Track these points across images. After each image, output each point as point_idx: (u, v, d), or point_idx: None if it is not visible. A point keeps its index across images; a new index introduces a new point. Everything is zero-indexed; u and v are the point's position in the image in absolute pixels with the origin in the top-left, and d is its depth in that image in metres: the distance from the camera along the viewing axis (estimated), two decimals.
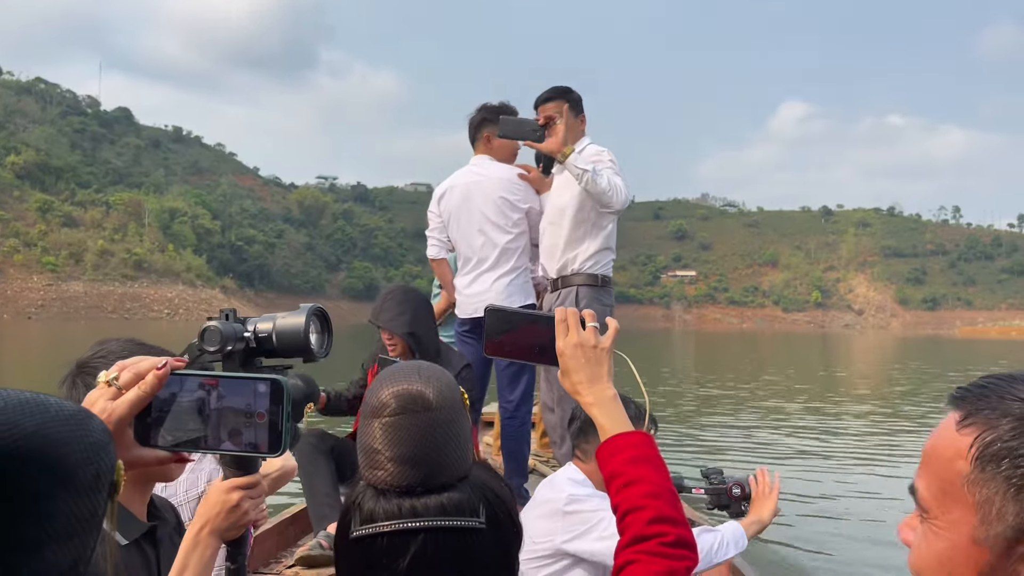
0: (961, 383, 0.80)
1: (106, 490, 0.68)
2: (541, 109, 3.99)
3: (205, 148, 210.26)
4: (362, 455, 1.06)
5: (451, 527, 1.01)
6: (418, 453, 1.03)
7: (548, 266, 4.14)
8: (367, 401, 1.08)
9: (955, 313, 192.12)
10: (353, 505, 1.05)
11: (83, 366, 1.53)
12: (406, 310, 3.47)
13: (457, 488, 1.05)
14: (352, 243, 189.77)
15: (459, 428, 1.08)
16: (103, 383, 0.94)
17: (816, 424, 12.75)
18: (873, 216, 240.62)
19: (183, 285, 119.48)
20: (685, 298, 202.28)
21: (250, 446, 0.96)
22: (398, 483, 1.03)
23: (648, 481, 1.20)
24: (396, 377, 1.08)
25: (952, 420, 0.80)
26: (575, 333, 1.30)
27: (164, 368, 0.93)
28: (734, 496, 2.49)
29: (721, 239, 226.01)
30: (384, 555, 1.01)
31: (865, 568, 5.46)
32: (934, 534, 0.79)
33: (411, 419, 1.04)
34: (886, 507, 6.96)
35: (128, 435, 0.94)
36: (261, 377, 0.96)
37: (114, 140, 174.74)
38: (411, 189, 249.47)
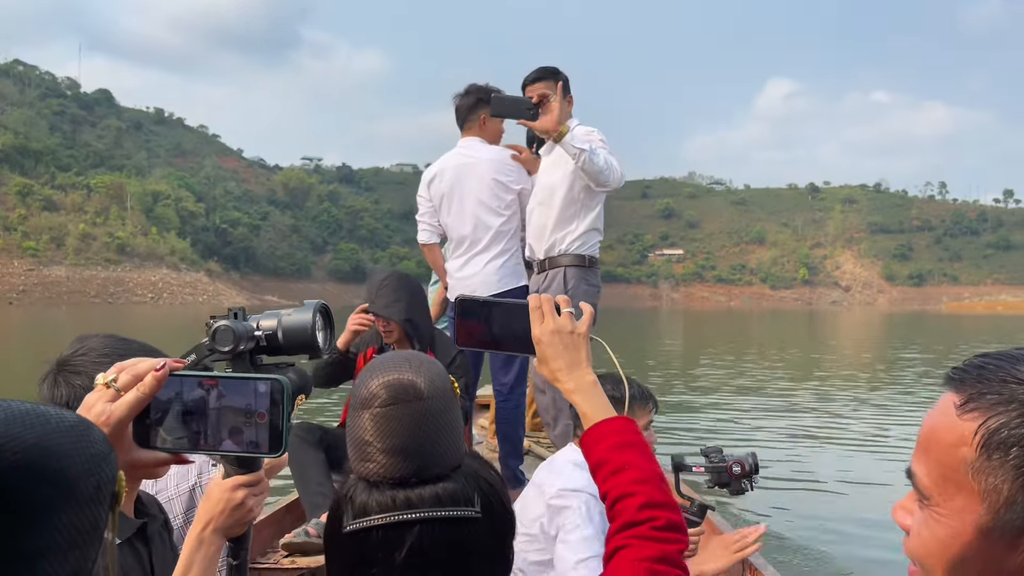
0: (956, 361, 0.79)
1: (107, 501, 0.69)
2: (529, 89, 3.95)
3: (188, 130, 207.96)
4: (352, 447, 1.05)
5: (447, 517, 1.00)
6: (411, 444, 1.02)
7: (535, 247, 4.10)
8: (356, 392, 1.07)
9: (941, 289, 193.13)
10: (344, 499, 1.04)
11: (64, 364, 1.51)
12: (402, 297, 3.49)
13: (451, 478, 1.04)
14: (338, 225, 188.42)
15: (451, 417, 1.07)
16: (101, 385, 0.94)
17: (810, 403, 12.58)
18: (860, 192, 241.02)
19: (167, 269, 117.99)
20: (673, 277, 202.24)
21: (250, 446, 0.96)
22: (391, 475, 1.01)
23: (636, 467, 1.20)
24: (386, 367, 1.07)
25: (951, 403, 0.78)
26: (551, 319, 1.28)
27: (163, 370, 0.93)
28: (734, 474, 2.48)
29: (708, 217, 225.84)
30: (379, 548, 0.99)
31: (865, 549, 5.38)
32: (936, 521, 0.78)
33: (403, 409, 1.02)
34: (880, 487, 6.91)
35: (127, 437, 0.94)
36: (261, 377, 0.96)
37: (95, 122, 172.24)
38: (397, 170, 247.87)
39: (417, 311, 3.55)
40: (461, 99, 4.30)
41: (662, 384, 14.59)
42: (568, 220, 3.98)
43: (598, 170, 3.75)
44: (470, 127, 4.27)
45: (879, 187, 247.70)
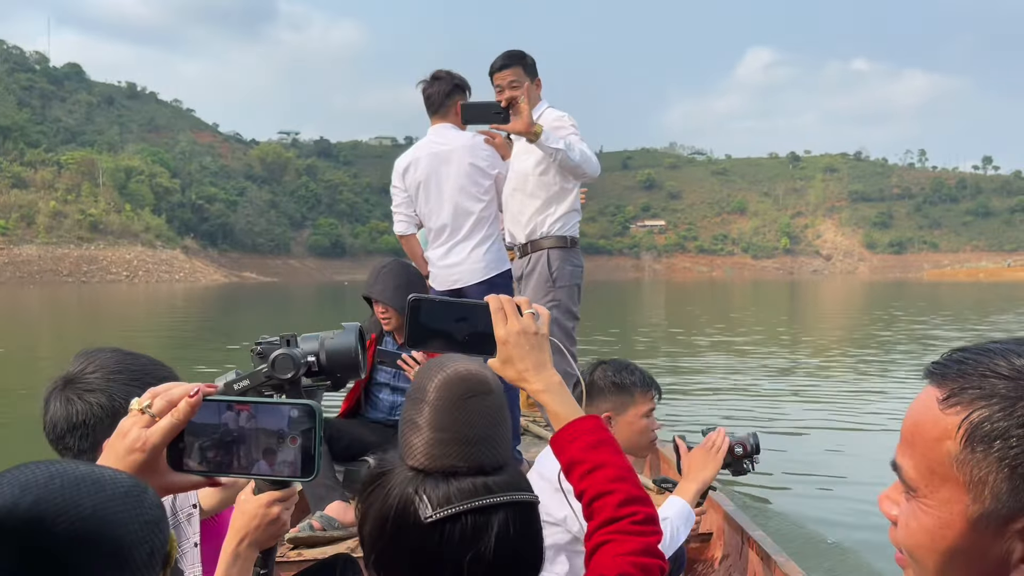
0: (942, 331, 0.87)
1: (159, 565, 0.70)
2: (497, 77, 3.94)
3: (161, 105, 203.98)
4: (423, 441, 1.04)
5: (522, 501, 1.03)
6: (489, 433, 1.04)
7: (515, 232, 4.15)
8: (422, 386, 1.08)
9: (921, 256, 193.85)
10: (414, 493, 1.03)
11: (74, 380, 1.53)
12: (402, 283, 3.62)
13: (511, 466, 1.08)
14: (317, 199, 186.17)
15: (508, 412, 1.12)
16: (136, 411, 0.95)
17: (801, 379, 12.25)
18: (840, 161, 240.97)
19: (142, 246, 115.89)
20: (655, 248, 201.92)
21: (283, 470, 0.97)
22: (468, 464, 1.03)
23: (612, 465, 1.22)
24: (453, 362, 1.10)
25: (932, 397, 0.80)
26: (515, 320, 1.28)
27: (196, 395, 0.95)
28: (736, 455, 2.50)
29: (690, 188, 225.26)
30: (469, 535, 1.00)
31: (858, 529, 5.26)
32: (923, 512, 0.80)
33: (480, 402, 1.06)
34: (866, 464, 6.86)
35: (162, 461, 0.95)
36: (293, 402, 0.97)
37: (65, 98, 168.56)
38: (376, 143, 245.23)
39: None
40: (433, 85, 4.13)
41: (652, 359, 13.97)
42: (547, 204, 4.03)
43: (575, 165, 3.81)
44: (443, 114, 4.13)
45: (859, 155, 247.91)
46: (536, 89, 4.02)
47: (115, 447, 0.93)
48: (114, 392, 1.54)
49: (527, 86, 3.92)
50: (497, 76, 3.97)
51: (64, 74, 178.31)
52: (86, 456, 1.52)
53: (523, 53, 4.02)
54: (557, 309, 3.95)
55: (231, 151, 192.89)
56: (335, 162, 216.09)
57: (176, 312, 36.14)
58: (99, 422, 1.52)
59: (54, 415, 1.54)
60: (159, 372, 1.61)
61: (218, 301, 48.08)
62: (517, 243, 4.17)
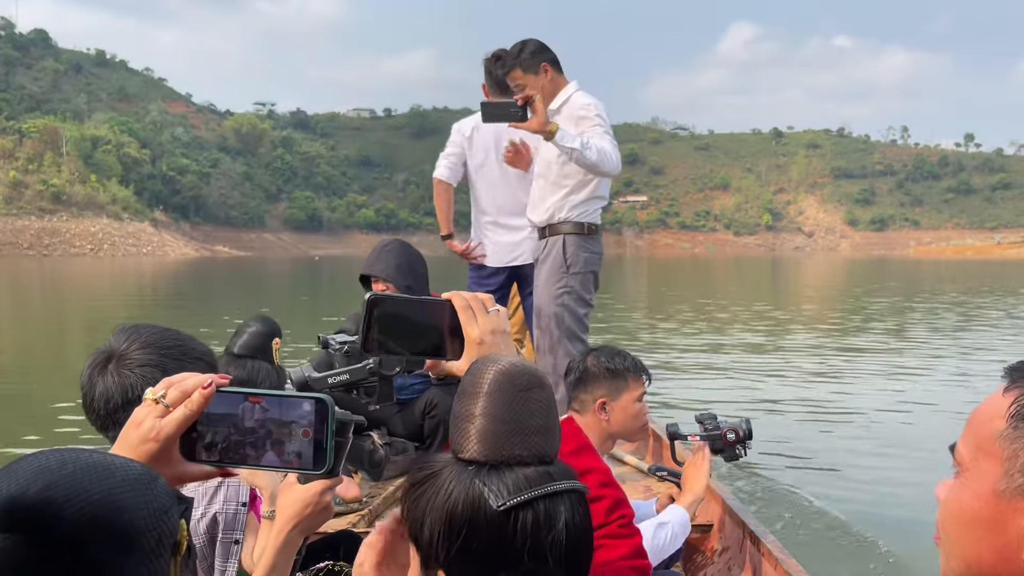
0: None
1: (168, 552, 0.72)
2: (509, 78, 4.01)
3: (132, 73, 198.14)
4: (486, 430, 1.04)
5: (580, 490, 1.04)
6: (547, 424, 1.05)
7: (534, 215, 4.18)
8: (477, 380, 1.07)
9: (903, 234, 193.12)
10: (482, 484, 1.00)
11: (122, 356, 1.57)
12: (403, 262, 3.64)
13: (556, 459, 1.09)
14: (292, 172, 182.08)
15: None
16: (151, 400, 0.96)
17: (795, 359, 11.91)
18: (823, 137, 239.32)
19: (108, 218, 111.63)
20: (637, 224, 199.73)
21: (294, 462, 0.98)
22: (531, 453, 1.03)
23: (597, 470, 1.21)
24: (515, 359, 1.10)
25: (1000, 388, 0.83)
26: (485, 318, 1.24)
27: (210, 387, 0.96)
28: (728, 441, 2.55)
29: (672, 163, 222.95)
30: (543, 519, 1.00)
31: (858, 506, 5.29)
32: (962, 486, 0.82)
33: (540, 393, 1.06)
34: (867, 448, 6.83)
35: (175, 451, 0.96)
36: (307, 396, 0.98)
37: (31, 64, 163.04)
38: (354, 115, 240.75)
39: (418, 279, 3.64)
40: (498, 64, 4.36)
41: (641, 343, 13.00)
42: (570, 191, 4.03)
43: (591, 164, 3.82)
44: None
45: (842, 132, 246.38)
46: (545, 76, 3.95)
47: (128, 436, 0.94)
48: (168, 367, 1.56)
49: (532, 81, 3.91)
50: (509, 78, 4.00)
51: (30, 40, 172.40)
52: None
53: (520, 49, 3.98)
54: (569, 296, 3.96)
55: (204, 122, 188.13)
56: (312, 134, 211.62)
57: (142, 286, 33.81)
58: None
59: (107, 390, 1.56)
60: (199, 348, 1.66)
61: (186, 276, 45.44)
62: (537, 225, 4.16)
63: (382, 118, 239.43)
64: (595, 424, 2.47)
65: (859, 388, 9.57)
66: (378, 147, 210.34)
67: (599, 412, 2.51)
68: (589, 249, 4.05)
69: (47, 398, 8.61)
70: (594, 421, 2.49)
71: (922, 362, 11.65)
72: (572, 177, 4.02)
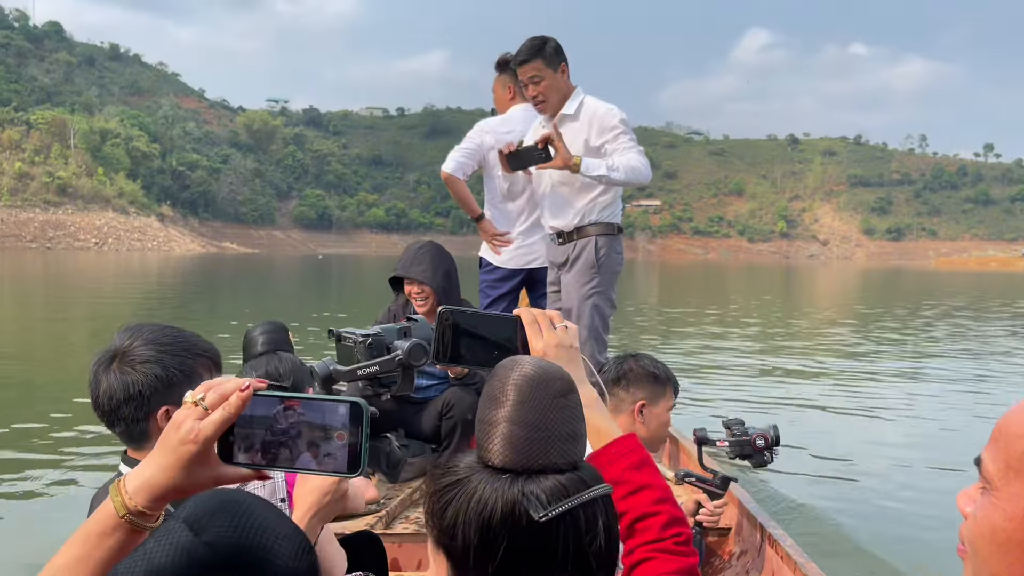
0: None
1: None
2: (519, 72, 3.99)
3: (145, 67, 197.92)
4: (517, 436, 1.02)
5: (609, 492, 1.04)
6: (578, 430, 1.05)
7: (559, 221, 4.13)
8: (501, 385, 1.07)
9: (919, 244, 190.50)
10: (519, 494, 0.99)
11: (125, 354, 1.64)
12: (440, 265, 3.70)
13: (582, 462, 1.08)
14: (304, 169, 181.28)
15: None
16: (190, 403, 0.97)
17: (817, 368, 11.75)
18: (840, 144, 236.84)
19: (113, 212, 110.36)
20: (649, 228, 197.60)
21: (329, 465, 0.99)
22: (565, 460, 1.02)
23: (655, 487, 1.22)
24: (547, 364, 1.09)
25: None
26: (550, 333, 1.27)
27: (247, 390, 0.97)
28: (758, 447, 2.54)
29: (686, 168, 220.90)
30: (584, 527, 1.00)
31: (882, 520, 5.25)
32: (992, 506, 0.80)
33: (572, 399, 1.06)
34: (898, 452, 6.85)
35: (213, 454, 0.98)
36: (342, 399, 0.99)
37: (43, 57, 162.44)
38: (367, 113, 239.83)
39: (450, 280, 3.71)
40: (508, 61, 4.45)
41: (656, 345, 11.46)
42: (599, 192, 4.02)
43: (623, 183, 3.90)
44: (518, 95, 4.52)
45: (859, 139, 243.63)
46: (562, 76, 3.97)
47: (168, 438, 0.95)
48: (167, 363, 1.63)
49: (551, 77, 3.91)
50: (520, 71, 3.96)
51: (44, 33, 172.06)
52: (139, 426, 1.65)
53: (543, 42, 3.94)
54: (599, 296, 3.99)
55: (217, 117, 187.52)
56: (324, 132, 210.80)
57: (144, 281, 32.22)
58: (154, 392, 1.62)
59: (110, 387, 1.62)
60: (201, 345, 1.71)
61: (188, 273, 44.04)
62: (562, 231, 4.12)
63: (395, 117, 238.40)
64: (629, 425, 2.48)
65: (877, 391, 9.64)
66: (390, 146, 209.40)
67: (636, 415, 2.52)
68: (616, 249, 4.08)
69: (50, 397, 8.40)
70: (629, 422, 2.50)
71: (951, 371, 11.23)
72: (596, 183, 3.99)
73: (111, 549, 0.93)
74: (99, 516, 0.94)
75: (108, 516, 0.93)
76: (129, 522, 0.93)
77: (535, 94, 3.96)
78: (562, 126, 3.98)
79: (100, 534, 0.93)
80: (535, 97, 3.99)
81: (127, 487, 0.94)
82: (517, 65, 3.98)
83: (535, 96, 3.98)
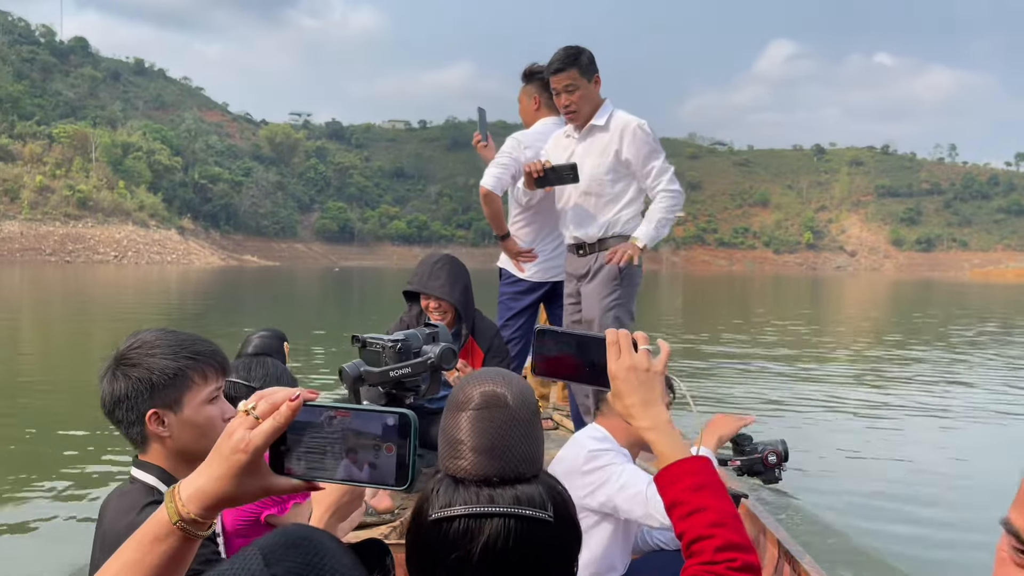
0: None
1: None
2: (553, 81, 3.97)
3: (170, 82, 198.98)
4: (445, 445, 1.14)
5: (523, 516, 1.07)
6: (495, 444, 1.10)
7: (584, 231, 4.13)
8: (453, 397, 1.18)
9: (951, 255, 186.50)
10: (432, 492, 1.12)
11: (121, 358, 1.69)
12: (458, 280, 3.67)
13: (529, 483, 1.12)
14: (326, 182, 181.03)
15: (532, 429, 1.16)
16: (243, 412, 0.99)
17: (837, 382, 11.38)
18: (867, 154, 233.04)
19: (134, 225, 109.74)
20: (673, 240, 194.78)
21: (377, 477, 0.99)
22: (476, 472, 1.10)
23: (713, 509, 1.21)
24: (482, 378, 1.18)
25: None
26: (627, 355, 1.29)
27: (297, 400, 0.98)
28: (769, 463, 2.51)
29: (710, 179, 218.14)
30: (459, 538, 1.07)
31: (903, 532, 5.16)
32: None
33: (491, 413, 1.12)
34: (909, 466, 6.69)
35: (263, 464, 0.99)
36: (391, 411, 0.99)
37: (68, 71, 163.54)
38: (389, 126, 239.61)
39: (468, 294, 3.71)
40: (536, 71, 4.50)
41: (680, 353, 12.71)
42: (624, 205, 4.07)
43: (673, 219, 4.09)
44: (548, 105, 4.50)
45: (887, 149, 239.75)
46: (595, 87, 3.98)
47: (221, 448, 0.97)
48: (151, 365, 1.67)
49: (585, 87, 3.92)
50: (554, 79, 3.95)
51: (70, 48, 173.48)
52: (135, 428, 1.70)
53: (578, 52, 3.94)
54: (620, 308, 4.04)
55: (240, 131, 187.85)
56: (347, 144, 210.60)
57: (159, 294, 31.65)
58: (139, 395, 1.66)
59: (104, 392, 1.70)
60: (198, 347, 1.73)
61: (205, 285, 43.17)
62: (583, 242, 4.13)
63: (417, 129, 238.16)
64: (621, 426, 2.49)
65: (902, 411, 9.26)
66: (412, 158, 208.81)
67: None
68: (638, 262, 4.10)
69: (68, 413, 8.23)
70: (620, 423, 2.47)
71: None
72: (624, 193, 4.07)
73: (162, 555, 0.94)
74: (153, 522, 0.96)
75: (161, 523, 0.95)
76: (181, 529, 0.94)
77: (568, 103, 3.93)
78: (590, 136, 4.03)
79: (153, 540, 0.95)
80: (567, 107, 3.95)
81: (181, 495, 0.96)
82: (552, 73, 3.94)
83: (567, 105, 3.94)
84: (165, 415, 1.68)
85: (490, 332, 3.83)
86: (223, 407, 1.76)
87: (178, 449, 1.71)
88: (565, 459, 2.44)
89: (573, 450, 2.45)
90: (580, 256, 4.15)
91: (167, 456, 1.72)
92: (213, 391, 1.74)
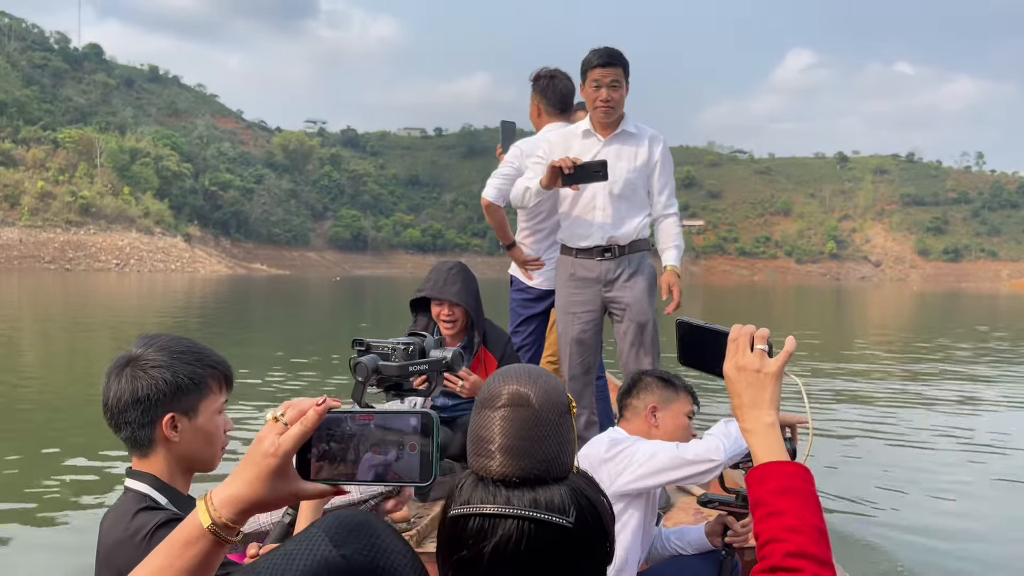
0: None
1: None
2: (598, 72, 3.87)
3: (184, 89, 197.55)
4: (472, 442, 1.15)
5: (537, 519, 1.06)
6: (517, 444, 1.10)
7: (619, 232, 4.09)
8: (483, 393, 1.18)
9: (979, 264, 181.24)
10: (457, 488, 1.14)
11: (137, 359, 1.69)
12: (470, 286, 3.72)
13: (552, 486, 1.11)
14: (340, 190, 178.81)
15: (559, 429, 1.14)
16: (272, 419, 1.02)
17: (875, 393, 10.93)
18: (891, 163, 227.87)
19: (137, 232, 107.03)
20: (693, 249, 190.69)
21: (402, 476, 1.02)
22: (499, 472, 1.10)
23: (792, 515, 1.18)
24: (510, 376, 1.18)
25: None
26: (741, 355, 1.28)
27: (323, 405, 1.01)
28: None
29: (731, 187, 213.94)
30: (472, 536, 1.08)
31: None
32: None
33: (515, 412, 1.12)
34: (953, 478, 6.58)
35: (291, 469, 1.01)
36: (413, 412, 1.02)
37: (81, 78, 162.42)
38: (404, 134, 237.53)
39: (479, 303, 3.75)
40: (567, 82, 4.44)
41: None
42: (647, 212, 4.15)
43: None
44: (570, 114, 4.47)
45: (912, 157, 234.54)
46: (626, 91, 3.98)
47: (252, 454, 1.00)
48: (178, 370, 1.68)
49: (623, 89, 3.91)
50: (599, 71, 3.84)
51: (84, 55, 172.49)
52: (144, 431, 1.69)
53: (619, 53, 3.91)
54: (654, 311, 4.11)
55: (253, 138, 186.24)
56: (361, 152, 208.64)
57: (157, 304, 29.05)
58: (162, 396, 1.66)
59: (119, 390, 1.67)
60: (214, 357, 1.76)
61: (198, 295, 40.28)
62: (616, 244, 4.08)
63: (432, 137, 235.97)
64: (644, 430, 2.55)
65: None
66: (427, 166, 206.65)
67: (650, 417, 2.58)
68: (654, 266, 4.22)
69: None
70: (644, 427, 2.56)
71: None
72: (645, 201, 4.13)
73: (193, 559, 0.97)
74: (185, 526, 0.99)
75: (194, 527, 0.98)
76: (214, 533, 0.97)
77: (608, 98, 3.85)
78: (620, 141, 4.02)
79: (185, 544, 0.97)
80: (607, 101, 3.84)
81: (213, 500, 0.99)
82: (599, 65, 3.83)
83: (607, 100, 3.85)
84: (180, 420, 1.70)
85: (502, 340, 3.86)
86: (225, 419, 1.79)
87: (182, 455, 1.72)
88: (588, 456, 2.43)
89: (594, 447, 2.45)
90: (606, 260, 4.06)
91: (167, 462, 1.72)
92: (224, 402, 1.78)
